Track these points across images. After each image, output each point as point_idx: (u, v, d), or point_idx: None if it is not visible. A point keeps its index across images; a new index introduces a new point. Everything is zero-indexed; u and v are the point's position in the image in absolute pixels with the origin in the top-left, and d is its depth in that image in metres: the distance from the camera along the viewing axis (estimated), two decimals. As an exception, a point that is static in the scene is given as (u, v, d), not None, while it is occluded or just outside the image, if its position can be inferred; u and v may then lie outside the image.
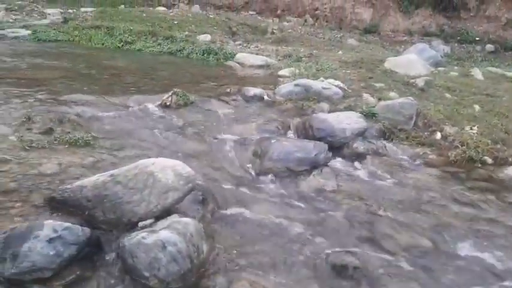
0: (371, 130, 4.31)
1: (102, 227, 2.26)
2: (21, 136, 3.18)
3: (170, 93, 4.48)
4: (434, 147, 4.19)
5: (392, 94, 5.26)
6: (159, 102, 4.37)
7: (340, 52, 8.54)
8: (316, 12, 13.63)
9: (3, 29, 7.76)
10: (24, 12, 10.25)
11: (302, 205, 3.11)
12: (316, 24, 13.02)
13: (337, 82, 5.42)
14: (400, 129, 4.39)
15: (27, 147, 3.06)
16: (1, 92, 4.08)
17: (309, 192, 3.24)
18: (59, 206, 2.32)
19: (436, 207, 3.20)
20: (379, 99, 5.02)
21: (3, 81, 4.51)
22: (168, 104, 4.39)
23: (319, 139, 3.83)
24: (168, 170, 2.30)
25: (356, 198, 3.27)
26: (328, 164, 3.62)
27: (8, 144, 3.08)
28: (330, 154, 3.70)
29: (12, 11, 10.26)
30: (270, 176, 3.30)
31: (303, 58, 7.28)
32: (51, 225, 1.95)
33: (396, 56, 7.94)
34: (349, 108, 4.73)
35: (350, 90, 5.30)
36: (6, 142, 3.12)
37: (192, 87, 4.95)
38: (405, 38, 12.52)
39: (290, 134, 4.10)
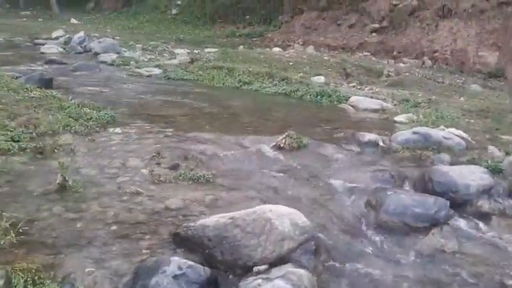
0: (498, 187, 3.94)
1: (219, 267, 2.36)
2: (152, 170, 3.49)
3: (284, 135, 4.58)
4: None
5: (522, 148, 4.80)
6: (274, 144, 4.49)
7: (462, 98, 8.07)
8: (435, 54, 13.10)
9: (140, 68, 8.70)
10: (156, 52, 11.41)
11: (418, 265, 2.93)
12: (434, 67, 12.49)
13: (459, 132, 5.11)
14: (532, 189, 3.96)
15: (156, 181, 3.35)
16: (136, 127, 4.54)
17: (427, 252, 3.05)
18: (182, 242, 2.48)
19: None
20: (507, 154, 4.61)
21: (138, 117, 5.02)
22: (282, 145, 4.49)
23: (440, 194, 3.60)
24: (285, 218, 2.34)
25: (479, 264, 3.00)
26: (449, 222, 3.38)
27: (140, 177, 3.41)
28: (452, 212, 3.46)
29: (147, 51, 11.48)
30: (385, 230, 3.18)
31: (421, 103, 7.01)
32: (177, 262, 2.10)
33: (527, 104, 7.27)
34: (472, 161, 4.41)
35: (474, 142, 4.95)
36: (139, 175, 3.45)
37: (305, 130, 5.02)
38: (537, 84, 11.40)
39: (407, 185, 3.92)
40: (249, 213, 2.42)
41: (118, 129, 4.37)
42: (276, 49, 12.89)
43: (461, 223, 3.45)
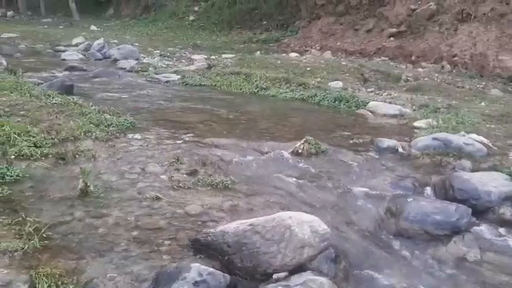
0: (520, 194, 3.87)
1: (238, 274, 2.36)
2: (172, 176, 3.52)
3: (302, 141, 4.57)
4: None
5: (546, 155, 4.69)
6: (292, 150, 4.49)
7: (482, 103, 7.93)
8: (454, 58, 12.91)
9: (158, 74, 8.79)
10: (174, 58, 11.53)
11: (439, 274, 2.89)
12: (454, 71, 12.31)
13: (481, 138, 5.03)
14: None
15: (175, 187, 3.37)
16: (155, 133, 4.59)
17: (448, 260, 3.00)
18: (201, 248, 2.50)
19: None
20: (530, 160, 4.52)
21: (157, 123, 5.07)
22: (300, 151, 4.48)
23: (461, 201, 3.55)
24: (304, 225, 2.34)
25: (503, 273, 2.94)
26: (471, 230, 3.32)
27: (160, 183, 3.44)
28: (473, 219, 3.41)
29: (165, 57, 11.61)
30: (405, 238, 3.14)
31: (441, 109, 6.91)
32: (197, 268, 2.11)
33: (550, 110, 7.10)
34: (494, 167, 4.33)
35: (495, 148, 4.86)
36: (158, 181, 3.48)
37: (323, 135, 5.01)
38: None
39: (427, 192, 3.88)
40: (268, 220, 2.42)
41: (137, 135, 4.43)
42: (293, 54, 12.89)
43: (484, 231, 3.38)
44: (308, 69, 9.92)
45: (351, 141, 4.97)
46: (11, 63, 8.40)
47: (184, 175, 3.62)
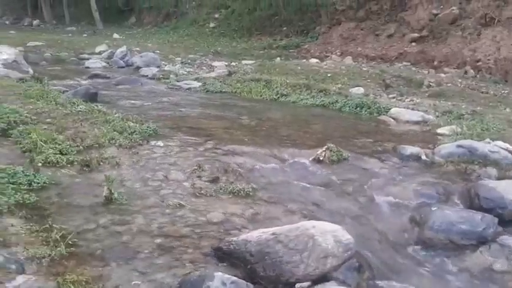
0: (549, 204, 3.77)
1: (261, 283, 2.36)
2: (194, 183, 3.55)
3: (324, 149, 4.55)
4: None
5: None
6: (313, 157, 4.47)
7: (507, 109, 7.76)
8: (478, 63, 12.68)
9: (180, 81, 8.88)
10: (195, 65, 11.63)
11: (465, 284, 2.84)
12: (477, 76, 12.10)
13: (507, 145, 4.92)
14: None
15: (197, 194, 3.40)
16: (177, 140, 4.63)
17: (474, 271, 2.95)
18: (224, 256, 2.51)
19: None
20: (558, 168, 4.40)
21: (179, 130, 5.12)
22: (321, 159, 4.46)
23: (487, 210, 3.48)
24: (328, 235, 2.33)
25: (532, 285, 2.87)
26: (498, 240, 3.25)
27: (182, 190, 3.47)
28: (500, 229, 3.33)
29: (186, 64, 11.73)
30: (429, 247, 3.10)
31: (465, 115, 6.79)
32: (220, 277, 2.12)
33: None
34: (521, 176, 4.24)
35: (522, 155, 4.75)
36: (181, 188, 3.51)
37: (345, 142, 4.98)
38: None
39: (452, 201, 3.81)
40: (291, 229, 2.42)
41: (160, 142, 4.47)
42: (313, 60, 12.85)
43: (511, 241, 3.30)
44: (329, 75, 9.89)
45: (373, 149, 4.92)
46: (37, 71, 8.60)
47: (206, 182, 3.64)
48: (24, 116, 4.53)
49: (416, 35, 14.27)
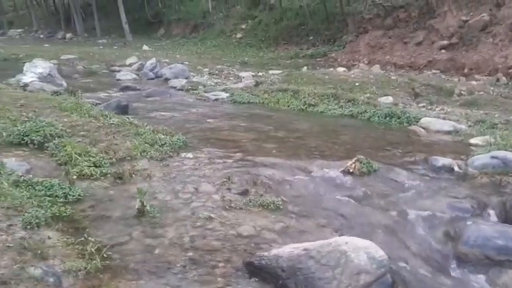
0: None
1: (293, 298, 2.35)
2: (224, 196, 3.57)
3: (354, 160, 4.50)
4: None
5: None
6: (343, 169, 4.43)
7: (543, 118, 7.52)
8: (510, 70, 12.37)
9: (208, 92, 8.99)
10: (223, 76, 11.75)
11: (504, 302, 2.75)
12: (510, 84, 11.78)
13: (544, 156, 4.76)
14: None
15: (227, 207, 3.42)
16: (207, 152, 4.67)
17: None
18: (255, 271, 2.51)
19: None
20: None
21: (208, 142, 5.17)
22: (351, 170, 4.41)
23: (524, 225, 3.38)
24: (361, 251, 2.30)
25: None
26: (537, 256, 3.14)
27: (212, 203, 3.50)
28: (539, 244, 3.22)
29: (214, 75, 11.86)
30: (464, 263, 3.02)
31: (498, 124, 6.62)
32: (253, 293, 2.12)
33: None
34: (560, 188, 4.09)
35: (561, 167, 4.58)
36: (211, 200, 3.54)
37: (375, 153, 4.91)
38: None
39: (487, 215, 3.70)
40: (323, 244, 2.41)
41: (190, 154, 4.53)
42: (341, 69, 12.79)
43: (551, 257, 3.18)
44: (357, 84, 9.81)
45: (404, 160, 4.85)
46: (71, 84, 8.87)
47: (236, 195, 3.66)
48: (59, 129, 4.66)
49: (445, 42, 14.04)
